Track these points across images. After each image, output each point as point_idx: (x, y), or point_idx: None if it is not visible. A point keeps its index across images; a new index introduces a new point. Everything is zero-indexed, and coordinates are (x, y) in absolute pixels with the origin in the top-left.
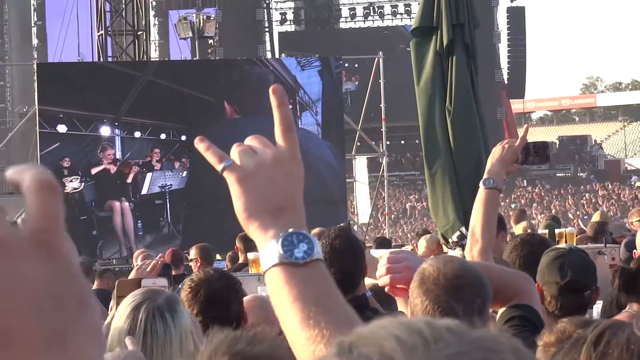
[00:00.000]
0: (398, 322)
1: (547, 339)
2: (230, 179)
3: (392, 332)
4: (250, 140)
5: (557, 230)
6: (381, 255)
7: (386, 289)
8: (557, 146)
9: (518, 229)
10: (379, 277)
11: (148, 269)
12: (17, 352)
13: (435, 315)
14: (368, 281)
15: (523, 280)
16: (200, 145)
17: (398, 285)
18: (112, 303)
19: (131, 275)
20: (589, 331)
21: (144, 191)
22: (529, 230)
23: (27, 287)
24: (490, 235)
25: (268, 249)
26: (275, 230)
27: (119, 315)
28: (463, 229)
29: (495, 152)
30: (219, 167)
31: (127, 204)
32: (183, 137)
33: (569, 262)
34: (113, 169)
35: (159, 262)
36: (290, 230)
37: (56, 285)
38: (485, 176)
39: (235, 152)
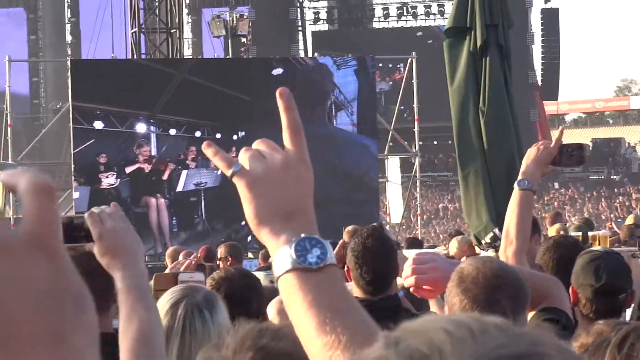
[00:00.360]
0: (445, 317)
1: (584, 341)
2: (240, 184)
3: (440, 325)
4: (258, 144)
5: (590, 233)
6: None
7: (411, 290)
8: (591, 149)
9: (552, 230)
10: (405, 277)
11: (182, 269)
12: (19, 349)
13: None
14: (400, 281)
15: (553, 284)
16: (208, 150)
17: (424, 286)
18: None
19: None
20: (613, 334)
21: (179, 188)
22: (561, 232)
23: (28, 287)
24: (525, 237)
25: (281, 254)
26: (287, 236)
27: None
28: (496, 231)
29: (530, 153)
30: (227, 173)
31: (162, 200)
32: (218, 135)
33: (604, 265)
34: (147, 167)
35: (193, 261)
36: (303, 235)
37: (55, 285)
38: (519, 177)
39: (244, 156)
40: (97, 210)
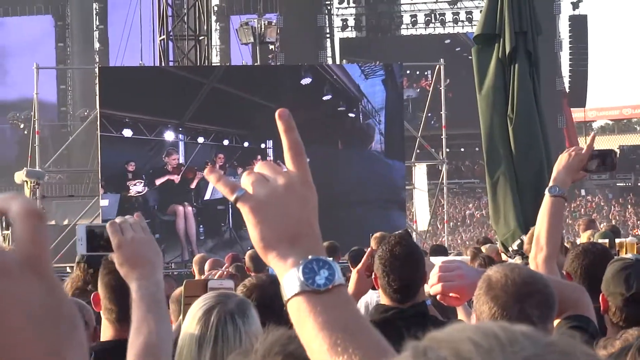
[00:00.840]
0: (472, 326)
1: (617, 348)
2: (244, 209)
3: (467, 335)
4: (260, 168)
5: (617, 240)
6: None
7: (438, 297)
8: (618, 155)
9: (584, 237)
10: (431, 285)
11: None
12: None
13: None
14: (427, 289)
15: (579, 291)
16: (210, 176)
17: (450, 294)
18: (174, 307)
19: None
20: (635, 340)
21: (207, 196)
22: (591, 239)
23: (25, 307)
24: (555, 243)
25: (289, 277)
26: (294, 259)
27: (190, 319)
28: (524, 238)
29: (562, 159)
30: (231, 198)
31: (190, 208)
32: (246, 144)
33: (634, 274)
34: (177, 179)
35: (225, 273)
36: (310, 256)
37: (50, 305)
38: (551, 184)
39: (247, 181)
40: (119, 220)
